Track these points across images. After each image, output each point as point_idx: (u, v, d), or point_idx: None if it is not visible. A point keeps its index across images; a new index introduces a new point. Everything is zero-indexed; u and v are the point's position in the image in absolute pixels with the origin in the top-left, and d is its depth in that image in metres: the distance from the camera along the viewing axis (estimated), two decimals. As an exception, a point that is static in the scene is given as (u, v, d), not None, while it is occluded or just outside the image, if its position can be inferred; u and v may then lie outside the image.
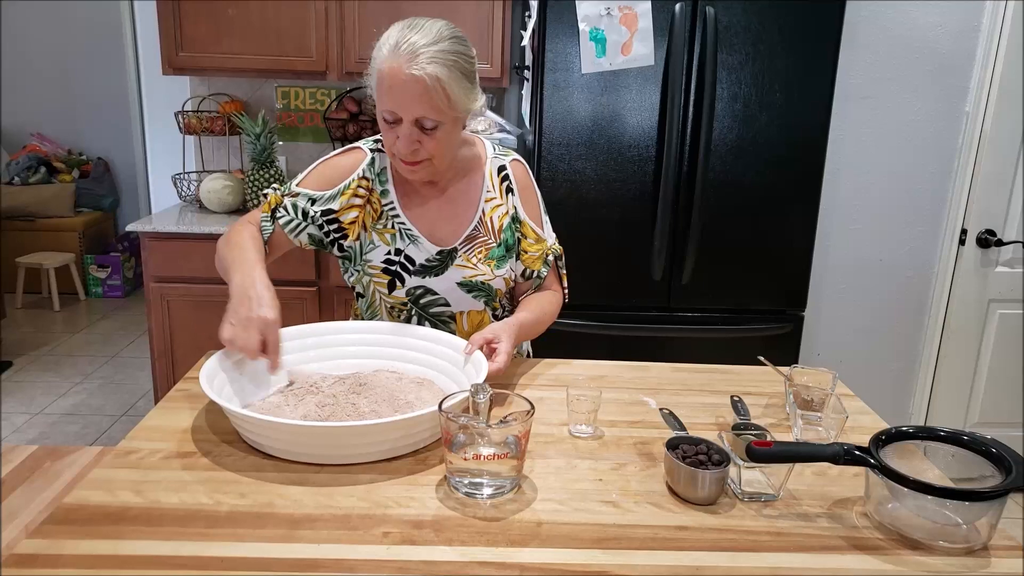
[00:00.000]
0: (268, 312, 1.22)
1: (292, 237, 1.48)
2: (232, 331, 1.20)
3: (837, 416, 1.21)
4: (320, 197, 1.46)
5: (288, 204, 1.46)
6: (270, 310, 1.22)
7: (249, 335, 1.20)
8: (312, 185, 1.47)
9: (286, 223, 1.46)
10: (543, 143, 2.44)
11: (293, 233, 1.47)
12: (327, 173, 1.48)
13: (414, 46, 1.26)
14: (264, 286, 1.26)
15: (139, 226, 2.69)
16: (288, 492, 1.00)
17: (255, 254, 1.36)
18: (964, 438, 1.03)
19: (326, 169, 1.49)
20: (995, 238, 2.87)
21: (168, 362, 2.80)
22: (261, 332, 1.20)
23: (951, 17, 2.76)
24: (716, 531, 0.97)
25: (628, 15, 2.33)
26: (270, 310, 1.22)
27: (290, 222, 1.46)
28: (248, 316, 1.21)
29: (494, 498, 1.01)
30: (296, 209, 1.46)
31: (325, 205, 1.46)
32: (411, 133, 1.33)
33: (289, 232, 1.47)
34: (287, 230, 1.47)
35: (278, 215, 1.47)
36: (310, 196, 1.46)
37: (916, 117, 2.86)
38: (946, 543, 0.94)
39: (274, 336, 1.22)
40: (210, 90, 3.17)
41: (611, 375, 1.49)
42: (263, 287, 1.25)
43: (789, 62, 2.41)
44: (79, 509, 0.95)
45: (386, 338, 1.43)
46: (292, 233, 1.47)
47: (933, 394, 3.08)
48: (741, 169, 2.48)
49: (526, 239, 1.55)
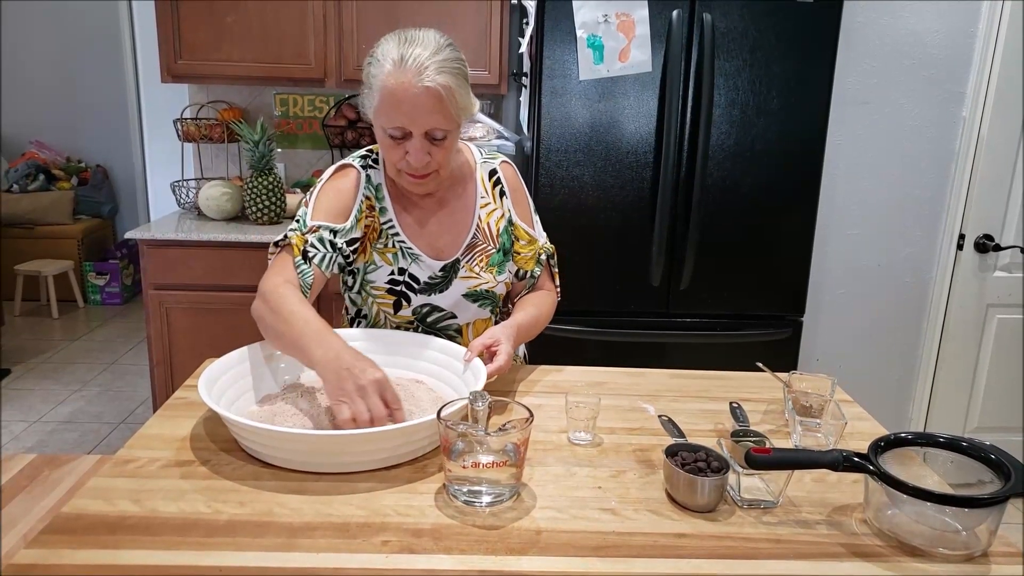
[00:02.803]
0: (375, 373, 1.13)
1: (326, 272, 1.39)
2: (353, 409, 1.09)
3: (836, 422, 1.21)
4: (341, 229, 1.40)
5: (314, 240, 1.38)
6: (375, 370, 1.13)
7: (373, 402, 1.10)
8: (325, 216, 1.40)
9: (320, 260, 1.38)
10: (541, 149, 2.44)
11: (327, 267, 1.39)
12: (334, 200, 1.42)
13: (419, 59, 1.26)
14: (352, 352, 1.17)
15: (138, 233, 2.69)
16: (287, 501, 1.00)
17: (318, 319, 1.24)
18: (963, 444, 1.03)
19: (331, 196, 1.43)
20: (993, 243, 2.87)
21: (167, 369, 2.79)
22: (379, 395, 1.11)
23: (947, 22, 2.77)
24: (715, 538, 0.96)
25: (625, 22, 2.34)
26: (375, 370, 1.13)
27: (324, 257, 1.38)
28: (359, 385, 1.11)
29: (493, 506, 1.01)
30: (324, 243, 1.39)
31: (348, 236, 1.41)
32: (422, 146, 1.32)
33: (325, 269, 1.39)
34: (322, 267, 1.38)
35: (311, 255, 1.37)
36: (331, 228, 1.40)
37: (913, 122, 2.86)
38: (946, 550, 0.94)
39: (392, 394, 1.14)
40: (209, 97, 3.18)
41: (610, 381, 1.49)
42: (353, 354, 1.16)
43: (786, 67, 2.41)
44: (77, 518, 0.95)
45: (384, 345, 1.43)
46: (327, 268, 1.39)
47: (932, 399, 3.08)
48: (739, 175, 2.49)
49: (519, 240, 1.55)
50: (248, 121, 3.11)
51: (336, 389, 1.12)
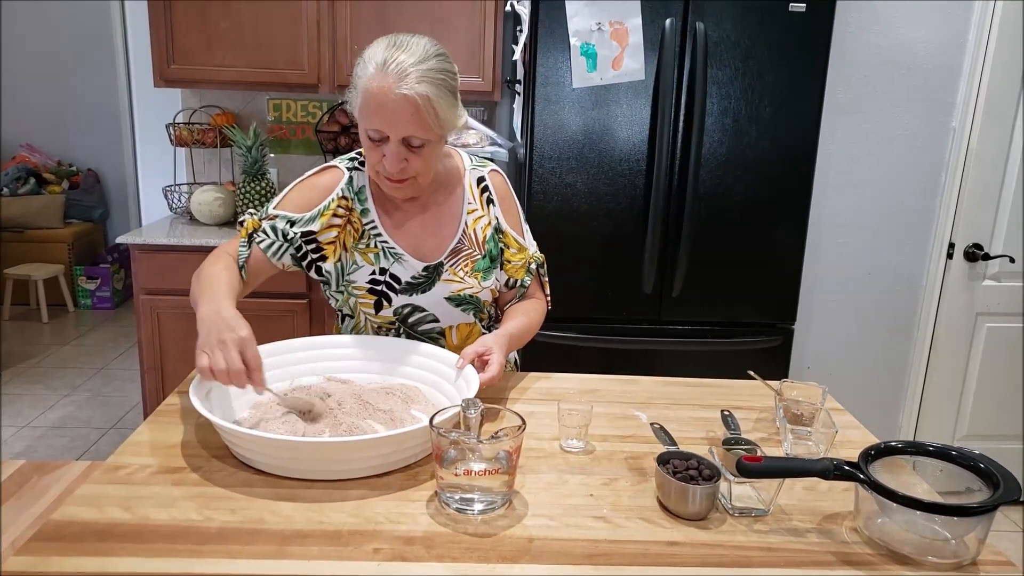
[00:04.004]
0: (241, 330, 1.16)
1: (275, 260, 1.43)
2: (209, 359, 1.13)
3: (827, 431, 1.22)
4: (299, 219, 1.43)
5: (267, 227, 1.43)
6: (242, 328, 1.16)
7: (229, 355, 1.13)
8: (290, 207, 1.44)
9: (267, 246, 1.42)
10: (534, 157, 2.45)
11: (276, 256, 1.43)
12: (305, 194, 1.45)
13: (402, 65, 1.26)
14: (230, 312, 1.20)
15: (129, 238, 2.68)
16: (279, 508, 1.00)
17: (224, 285, 1.30)
18: (952, 453, 1.03)
19: (304, 190, 1.46)
20: (982, 252, 2.89)
21: (157, 375, 2.78)
22: (239, 350, 1.14)
23: (938, 32, 2.79)
24: (707, 546, 0.97)
25: (619, 30, 2.35)
26: (242, 328, 1.16)
27: (271, 245, 1.42)
28: (221, 339, 1.14)
29: (485, 514, 1.01)
30: (276, 231, 1.42)
31: (305, 227, 1.43)
32: (398, 151, 1.32)
33: (271, 255, 1.42)
34: (268, 253, 1.42)
35: (256, 239, 1.42)
36: (288, 218, 1.43)
37: (903, 132, 2.88)
38: (935, 558, 0.95)
39: (252, 352, 1.15)
40: (202, 102, 3.18)
41: (602, 389, 1.49)
42: (229, 311, 1.19)
43: (778, 76, 2.43)
44: (67, 525, 0.94)
45: (377, 352, 1.43)
46: (275, 256, 1.43)
47: (922, 407, 3.09)
48: (731, 183, 2.50)
49: (509, 249, 1.56)
50: (241, 126, 3.10)
51: (203, 340, 1.16)
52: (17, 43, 5.48)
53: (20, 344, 4.46)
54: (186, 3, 2.74)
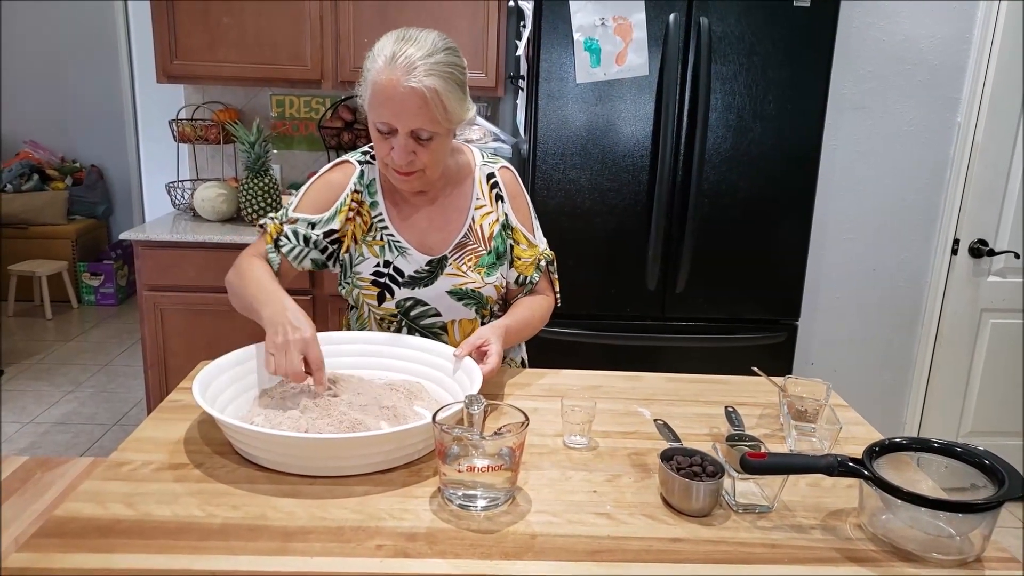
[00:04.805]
0: (305, 331, 1.22)
1: (297, 265, 1.47)
2: (275, 361, 1.20)
3: (831, 427, 1.21)
4: (319, 220, 1.46)
5: (289, 232, 1.46)
6: (307, 329, 1.22)
7: (291, 358, 1.19)
8: (309, 208, 1.47)
9: (289, 251, 1.45)
10: (538, 152, 2.44)
11: (297, 261, 1.46)
12: (322, 193, 1.48)
13: (410, 58, 1.27)
14: (295, 310, 1.26)
15: (132, 234, 2.68)
16: (281, 504, 1.00)
17: (274, 284, 1.35)
18: (957, 450, 1.03)
19: (320, 189, 1.48)
20: (987, 248, 2.88)
21: (161, 371, 2.78)
22: (302, 352, 1.21)
23: (943, 28, 2.78)
24: (710, 543, 0.96)
25: (622, 25, 2.34)
26: (307, 329, 1.22)
27: (292, 249, 1.45)
28: (286, 341, 1.20)
29: (488, 510, 1.00)
30: (297, 236, 1.45)
31: (326, 227, 1.46)
32: (406, 144, 1.33)
33: (293, 260, 1.46)
34: (290, 258, 1.46)
35: (281, 244, 1.45)
36: (309, 221, 1.46)
37: (908, 127, 2.87)
38: (940, 555, 0.94)
39: (315, 353, 1.22)
40: (204, 98, 3.17)
41: (605, 385, 1.49)
42: (294, 311, 1.25)
43: (782, 72, 2.42)
44: (70, 522, 0.94)
45: (379, 348, 1.43)
46: (296, 261, 1.46)
47: (926, 403, 3.09)
48: (735, 179, 2.49)
49: (519, 245, 1.56)
50: (244, 122, 3.10)
51: (270, 341, 1.22)
52: (20, 40, 5.48)
53: (24, 340, 4.47)
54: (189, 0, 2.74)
